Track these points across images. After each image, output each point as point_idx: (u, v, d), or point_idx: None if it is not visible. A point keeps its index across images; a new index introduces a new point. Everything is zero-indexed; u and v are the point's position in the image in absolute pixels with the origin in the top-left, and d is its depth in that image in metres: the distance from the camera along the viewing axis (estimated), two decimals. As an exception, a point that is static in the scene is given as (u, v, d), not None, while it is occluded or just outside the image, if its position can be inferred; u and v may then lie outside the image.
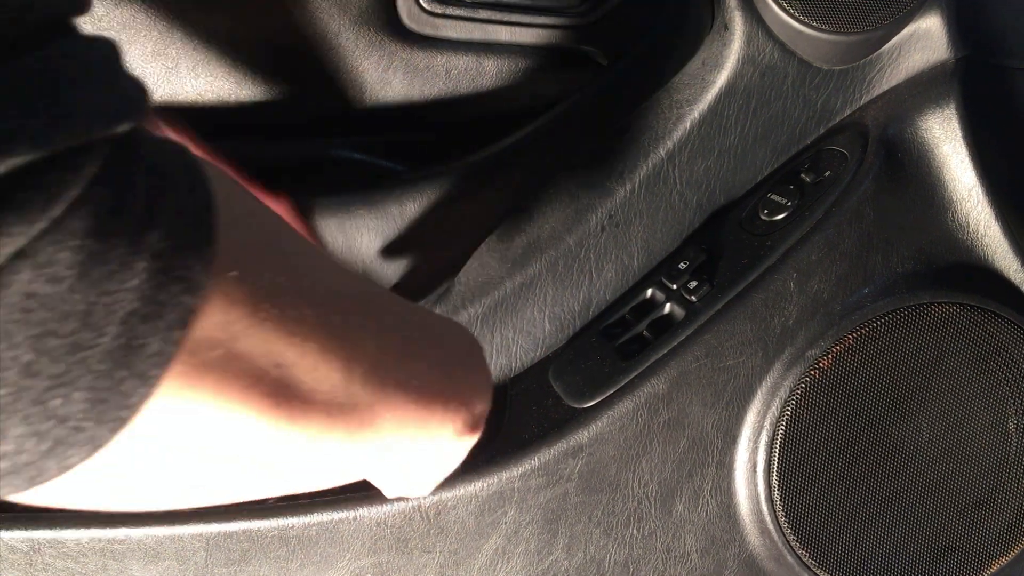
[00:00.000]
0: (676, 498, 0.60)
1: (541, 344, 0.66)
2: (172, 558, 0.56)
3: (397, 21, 0.60)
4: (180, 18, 0.57)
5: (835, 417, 0.59)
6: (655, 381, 0.58)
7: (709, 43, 0.65)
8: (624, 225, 0.66)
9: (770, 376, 0.59)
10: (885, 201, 0.60)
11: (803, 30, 0.62)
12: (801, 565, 0.61)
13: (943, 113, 0.61)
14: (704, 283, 0.60)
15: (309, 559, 0.57)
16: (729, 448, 0.60)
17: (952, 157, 0.61)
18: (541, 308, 0.66)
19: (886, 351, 0.59)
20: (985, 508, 0.62)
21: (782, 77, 0.65)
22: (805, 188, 0.63)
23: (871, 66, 0.65)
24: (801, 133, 0.67)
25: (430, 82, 0.63)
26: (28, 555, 0.55)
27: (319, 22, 0.59)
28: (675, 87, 0.66)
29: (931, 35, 0.63)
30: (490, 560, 0.59)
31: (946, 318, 0.60)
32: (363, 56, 0.61)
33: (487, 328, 0.65)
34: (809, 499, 0.60)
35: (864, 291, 0.60)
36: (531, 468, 0.58)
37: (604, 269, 0.66)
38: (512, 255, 0.66)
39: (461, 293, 0.65)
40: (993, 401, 0.61)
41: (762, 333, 0.59)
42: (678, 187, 0.66)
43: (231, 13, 0.58)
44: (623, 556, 0.60)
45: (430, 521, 0.58)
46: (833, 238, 0.59)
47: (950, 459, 0.61)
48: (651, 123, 0.66)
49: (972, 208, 0.61)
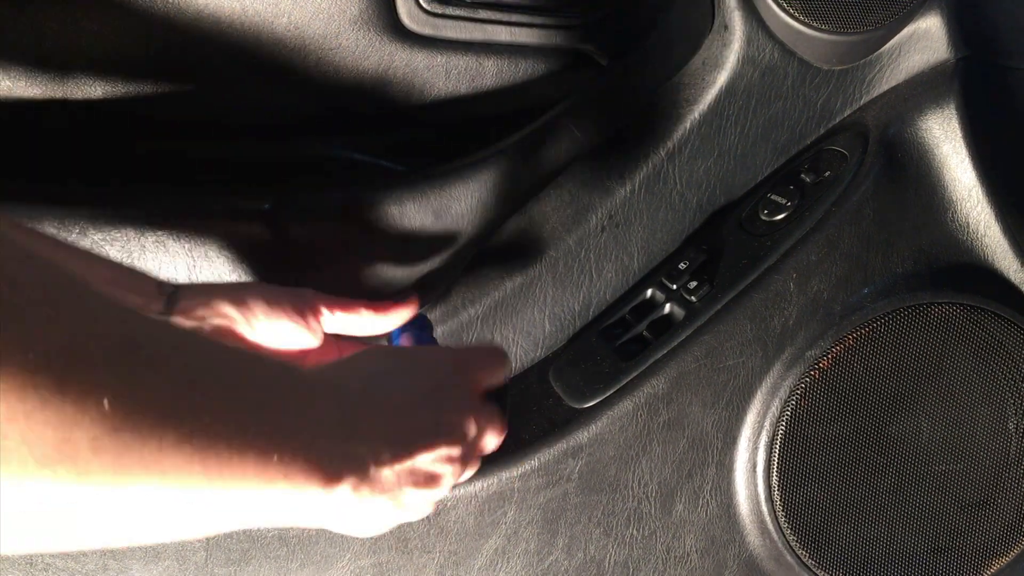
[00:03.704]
0: (676, 498, 0.60)
1: (541, 344, 0.66)
2: (172, 558, 0.56)
3: (397, 21, 0.60)
4: (180, 18, 0.57)
5: (835, 417, 0.59)
6: (655, 381, 0.58)
7: (709, 43, 0.65)
8: (624, 225, 0.66)
9: (770, 376, 0.59)
10: (885, 201, 0.60)
11: (803, 30, 0.62)
12: (801, 565, 0.61)
13: (943, 113, 0.60)
14: (704, 283, 0.60)
15: (309, 559, 0.57)
16: (729, 448, 0.60)
17: (952, 157, 0.61)
18: (541, 308, 0.66)
19: (886, 351, 0.59)
20: (985, 508, 0.62)
21: (782, 77, 0.65)
22: (805, 188, 0.63)
23: (871, 66, 0.65)
24: (801, 133, 0.67)
25: (430, 82, 0.63)
26: (28, 555, 0.55)
27: (319, 22, 0.59)
28: (675, 87, 0.66)
29: (931, 35, 0.63)
30: (490, 560, 0.59)
31: (946, 318, 0.60)
32: (363, 56, 0.61)
33: (487, 328, 0.65)
34: (809, 499, 0.60)
35: (864, 291, 0.60)
36: (531, 468, 0.58)
37: (604, 269, 0.66)
38: (512, 255, 0.66)
39: (461, 293, 0.65)
40: (993, 401, 0.61)
41: (762, 333, 0.59)
42: (678, 187, 0.66)
43: (231, 13, 0.58)
44: (623, 556, 0.60)
45: (430, 521, 0.58)
46: (833, 238, 0.59)
47: (950, 459, 0.61)
48: (651, 123, 0.66)
49: (972, 208, 0.61)
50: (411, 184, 0.58)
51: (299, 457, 0.32)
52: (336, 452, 0.35)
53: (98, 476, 0.25)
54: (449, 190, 0.58)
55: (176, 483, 0.27)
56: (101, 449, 0.24)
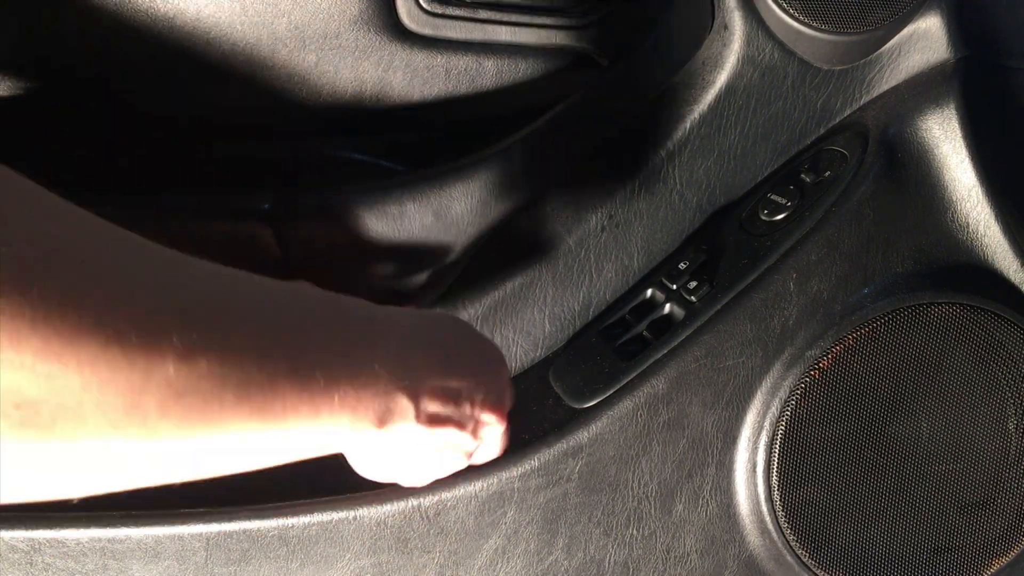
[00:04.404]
0: (676, 498, 0.60)
1: (541, 344, 0.66)
2: (172, 558, 0.56)
3: (397, 21, 0.60)
4: (179, 18, 0.57)
5: (835, 417, 0.59)
6: (655, 381, 0.58)
7: (709, 43, 0.65)
8: (624, 225, 0.66)
9: (770, 376, 0.59)
10: (885, 201, 0.60)
11: (803, 30, 0.62)
12: (801, 565, 0.61)
13: (943, 113, 0.60)
14: (704, 283, 0.60)
15: (309, 559, 0.57)
16: (729, 448, 0.60)
17: (952, 157, 0.61)
18: (541, 308, 0.66)
19: (886, 351, 0.59)
20: (985, 508, 0.62)
21: (782, 77, 0.65)
22: (805, 188, 0.63)
23: (871, 66, 0.65)
24: (801, 133, 0.67)
25: (430, 82, 0.63)
26: (28, 555, 0.55)
27: (319, 22, 0.59)
28: (675, 87, 0.66)
29: (931, 35, 0.63)
30: (490, 560, 0.59)
31: (946, 318, 0.60)
32: (363, 56, 0.61)
33: (487, 328, 0.65)
34: (809, 499, 0.60)
35: (864, 291, 0.60)
36: (531, 468, 0.58)
37: (604, 269, 0.66)
38: (512, 255, 0.66)
39: (461, 293, 0.65)
40: (993, 401, 0.61)
41: (762, 333, 0.59)
42: (678, 187, 0.66)
43: (231, 13, 0.58)
44: (623, 556, 0.60)
45: (430, 521, 0.58)
46: (833, 238, 0.59)
47: (950, 459, 0.61)
48: (651, 123, 0.66)
49: (972, 208, 0.61)
50: (411, 184, 0.58)
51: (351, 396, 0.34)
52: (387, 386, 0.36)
53: (166, 434, 0.27)
54: (449, 190, 0.58)
55: (239, 432, 0.29)
56: (168, 411, 0.26)
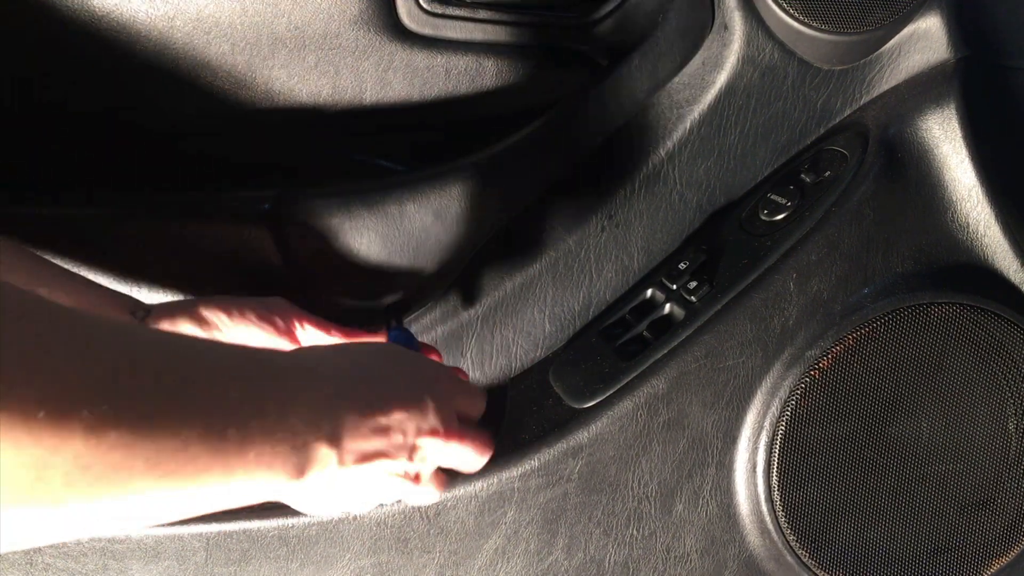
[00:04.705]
0: (676, 498, 0.60)
1: (541, 344, 0.66)
2: (172, 558, 0.56)
3: (397, 21, 0.60)
4: (179, 18, 0.57)
5: (835, 417, 0.59)
6: (655, 381, 0.58)
7: (709, 43, 0.65)
8: (624, 225, 0.66)
9: (770, 376, 0.59)
10: (885, 201, 0.60)
11: (803, 30, 0.62)
12: (801, 565, 0.61)
13: (943, 113, 0.60)
14: (704, 283, 0.60)
15: (309, 559, 0.57)
16: (729, 448, 0.60)
17: (952, 157, 0.61)
18: (541, 308, 0.66)
19: (886, 351, 0.59)
20: (985, 508, 0.62)
21: (782, 77, 0.65)
22: (805, 188, 0.63)
23: (871, 66, 0.65)
24: (801, 133, 0.67)
25: (430, 82, 0.63)
26: (28, 555, 0.55)
27: (319, 22, 0.59)
28: (675, 87, 0.66)
29: (931, 35, 0.63)
30: (490, 560, 0.59)
31: (946, 318, 0.60)
32: (363, 56, 0.61)
33: (487, 328, 0.65)
34: (809, 499, 0.60)
35: (864, 291, 0.60)
36: (531, 468, 0.58)
37: (604, 269, 0.66)
38: (512, 255, 0.66)
39: (461, 293, 0.65)
40: (993, 401, 0.61)
41: (762, 333, 0.59)
42: (678, 187, 0.66)
43: (231, 14, 0.58)
44: (623, 556, 0.60)
45: (430, 521, 0.58)
46: (833, 238, 0.59)
47: (950, 459, 0.61)
48: (651, 123, 0.66)
49: (972, 208, 0.61)
50: (411, 184, 0.58)
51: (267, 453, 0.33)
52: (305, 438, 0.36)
53: (73, 502, 0.27)
54: (449, 190, 0.58)
55: (151, 492, 0.29)
56: (74, 482, 0.26)
